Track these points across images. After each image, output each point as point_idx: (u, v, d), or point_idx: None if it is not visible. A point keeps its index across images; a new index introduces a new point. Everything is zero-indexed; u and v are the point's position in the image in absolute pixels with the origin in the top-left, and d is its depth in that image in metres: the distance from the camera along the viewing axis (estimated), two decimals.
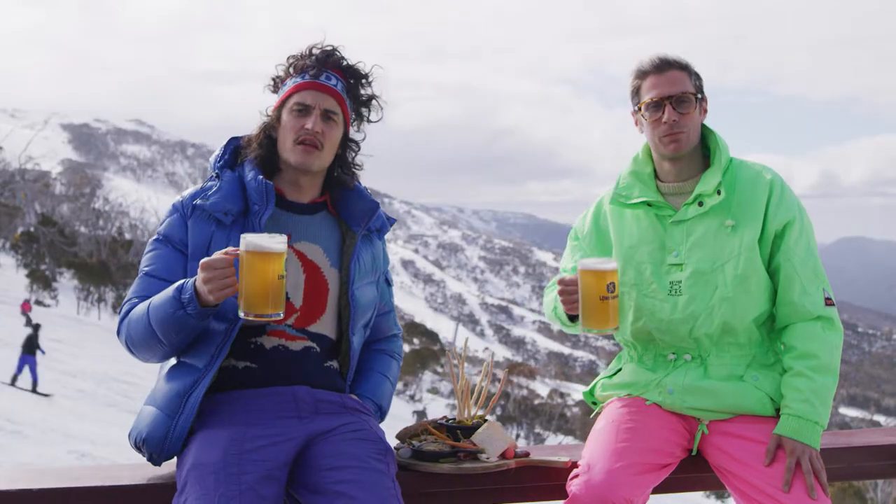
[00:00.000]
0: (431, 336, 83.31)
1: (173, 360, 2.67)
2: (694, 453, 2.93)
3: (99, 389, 22.95)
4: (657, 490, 2.82)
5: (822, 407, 2.77)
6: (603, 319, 2.82)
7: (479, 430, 2.86)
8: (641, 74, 2.99)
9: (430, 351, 67.50)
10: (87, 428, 17.45)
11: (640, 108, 2.99)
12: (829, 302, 2.89)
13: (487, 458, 2.80)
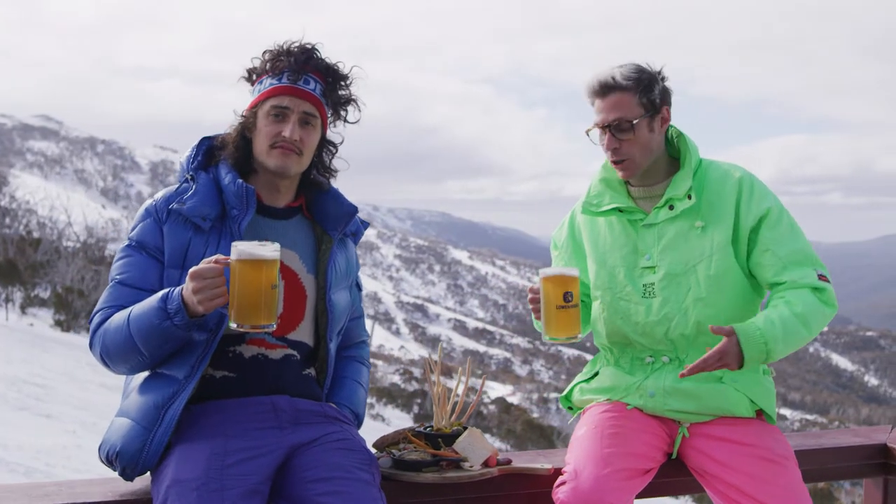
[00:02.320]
0: None
1: (147, 371, 2.55)
2: (673, 457, 2.91)
3: (9, 392, 22.11)
4: (638, 495, 2.80)
5: (783, 336, 2.68)
6: (561, 328, 2.77)
7: (461, 437, 2.79)
8: (590, 94, 2.95)
9: None
10: None
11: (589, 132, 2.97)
12: (822, 278, 2.81)
13: (471, 467, 2.73)
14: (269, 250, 2.32)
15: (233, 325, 2.31)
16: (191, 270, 2.32)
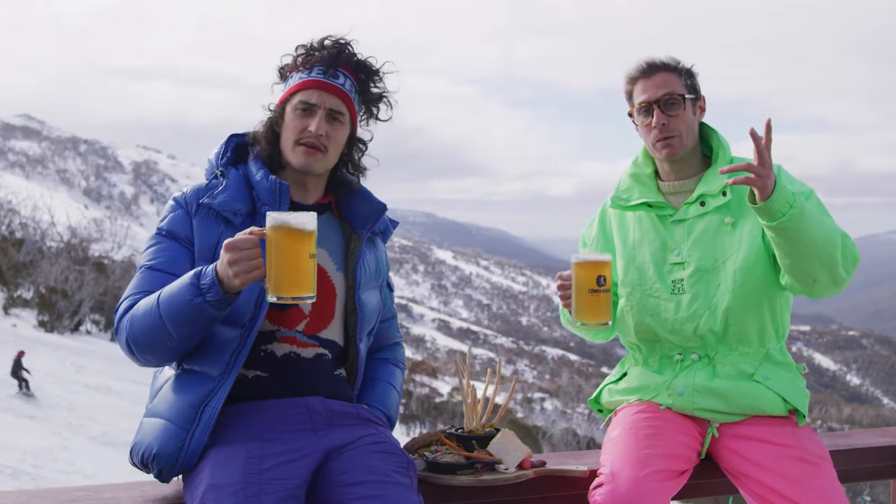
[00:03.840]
0: None
1: (174, 371, 2.48)
2: (703, 457, 2.87)
3: None
4: (672, 497, 2.76)
5: (808, 210, 2.60)
6: (593, 312, 2.74)
7: (495, 439, 2.74)
8: (631, 80, 2.97)
9: None
10: None
11: (631, 114, 2.97)
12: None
13: (506, 469, 2.68)
14: (307, 219, 2.24)
15: (272, 299, 2.21)
16: (226, 242, 2.23)
